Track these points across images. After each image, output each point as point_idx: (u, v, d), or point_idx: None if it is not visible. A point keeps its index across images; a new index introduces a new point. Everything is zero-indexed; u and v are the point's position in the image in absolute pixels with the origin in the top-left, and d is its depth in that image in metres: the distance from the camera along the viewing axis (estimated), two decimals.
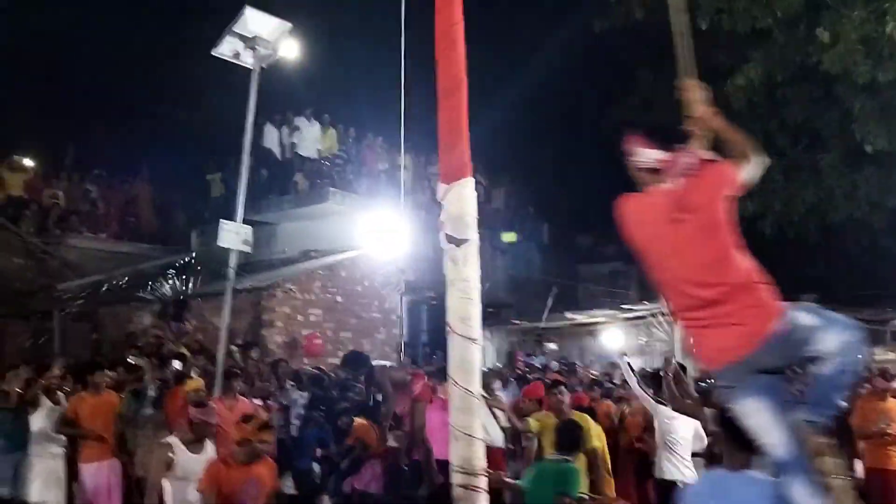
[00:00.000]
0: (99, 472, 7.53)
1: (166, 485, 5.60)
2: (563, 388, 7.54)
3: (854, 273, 16.92)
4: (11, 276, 8.95)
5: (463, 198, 5.45)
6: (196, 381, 7.51)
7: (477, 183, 5.57)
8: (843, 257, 18.37)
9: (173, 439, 5.73)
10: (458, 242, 5.42)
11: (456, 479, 5.16)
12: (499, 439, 9.10)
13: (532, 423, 7.72)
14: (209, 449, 5.85)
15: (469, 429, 5.21)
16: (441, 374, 8.90)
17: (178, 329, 12.70)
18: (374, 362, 10.27)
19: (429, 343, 15.63)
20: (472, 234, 5.45)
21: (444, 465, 7.96)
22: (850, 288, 16.38)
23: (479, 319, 5.33)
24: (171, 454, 5.57)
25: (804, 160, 14.33)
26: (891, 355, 10.09)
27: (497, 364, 15.07)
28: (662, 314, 14.67)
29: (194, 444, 5.73)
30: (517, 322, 16.92)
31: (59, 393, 8.15)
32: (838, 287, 16.44)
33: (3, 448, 7.87)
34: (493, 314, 17.49)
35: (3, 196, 14.61)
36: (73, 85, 19.65)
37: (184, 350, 10.43)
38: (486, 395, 9.46)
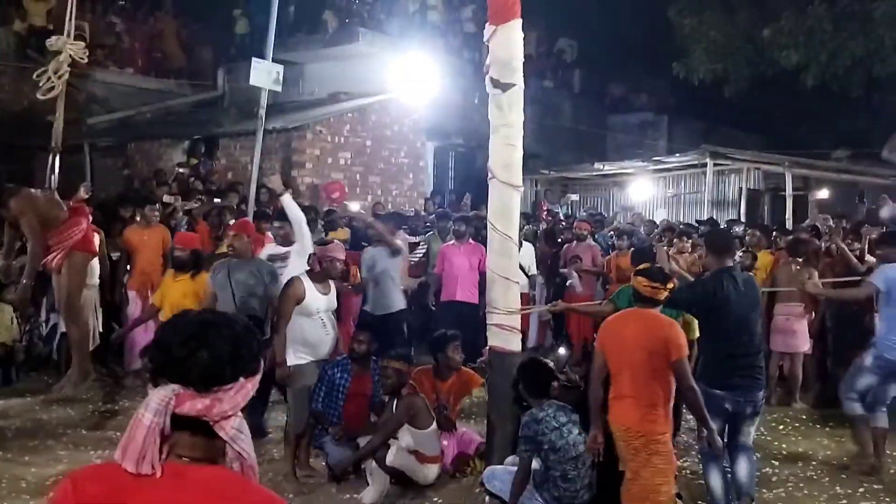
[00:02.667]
0: (143, 304, 7.78)
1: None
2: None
3: (888, 127, 16.55)
4: (40, 109, 8.89)
5: (510, 41, 5.30)
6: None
7: None
8: (884, 113, 17.91)
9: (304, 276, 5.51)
10: (503, 87, 5.32)
11: (492, 318, 5.33)
12: (524, 285, 9.34)
13: None
14: (333, 289, 5.73)
15: (507, 272, 5.33)
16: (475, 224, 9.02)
17: (208, 167, 12.77)
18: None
19: (455, 189, 15.66)
20: (518, 79, 5.34)
21: (467, 308, 8.27)
22: (883, 143, 16.07)
23: (521, 166, 5.33)
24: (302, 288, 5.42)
25: (855, 9, 13.67)
26: None
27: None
28: (691, 166, 14.56)
29: (321, 284, 5.56)
30: (545, 171, 16.83)
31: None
32: (876, 143, 16.13)
33: None
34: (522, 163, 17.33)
35: (26, 26, 14.34)
36: None
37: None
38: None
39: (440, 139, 15.60)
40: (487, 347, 5.44)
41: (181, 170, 12.42)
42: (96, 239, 6.85)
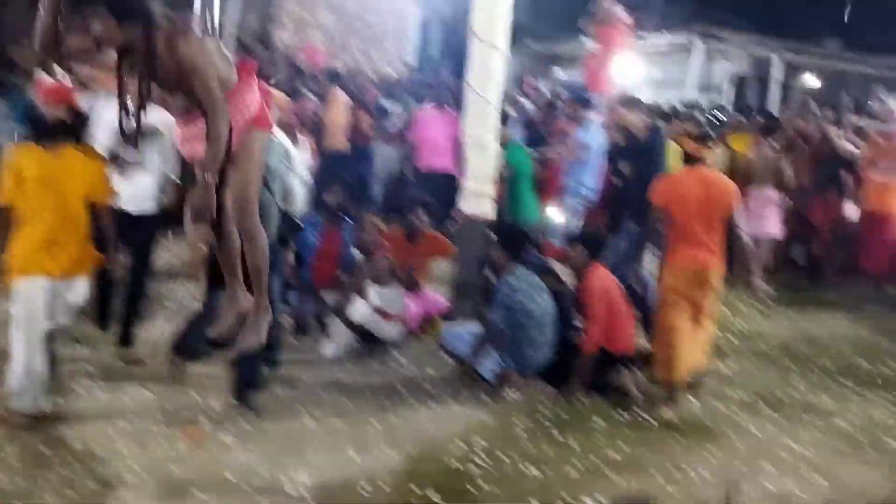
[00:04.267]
0: None
1: None
2: None
3: (882, 18, 16.20)
4: None
5: None
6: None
7: None
8: (880, 3, 17.46)
9: None
10: None
11: (468, 185, 5.30)
12: None
13: None
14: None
15: (483, 137, 5.26)
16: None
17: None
18: None
19: (439, 58, 15.28)
20: None
21: (444, 177, 8.19)
22: (877, 34, 15.75)
23: (507, 25, 5.16)
24: None
25: None
26: None
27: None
28: (679, 46, 14.22)
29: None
30: (530, 45, 16.37)
31: None
32: (865, 33, 15.82)
33: None
34: (514, 37, 16.81)
35: None
36: None
37: None
38: None
39: (426, 5, 15.07)
40: (459, 211, 5.44)
41: None
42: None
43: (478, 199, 5.27)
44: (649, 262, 5.56)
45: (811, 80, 14.05)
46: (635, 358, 4.90)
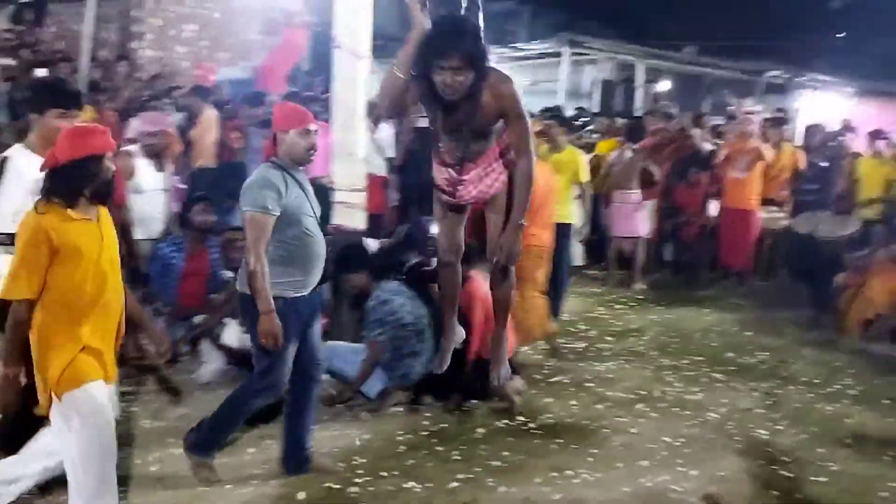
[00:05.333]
0: None
1: None
2: None
3: (735, 22, 17.12)
4: None
5: None
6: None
7: None
8: (725, 6, 18.45)
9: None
10: None
11: (337, 195, 5.19)
12: (382, 168, 9.17)
13: None
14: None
15: (352, 146, 5.17)
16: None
17: (36, 35, 11.62)
18: None
19: (311, 72, 15.02)
20: None
21: (323, 188, 8.05)
22: (731, 38, 16.63)
23: (369, 34, 5.09)
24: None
25: None
26: (759, 107, 10.49)
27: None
28: (549, 55, 14.56)
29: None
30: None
31: None
32: (719, 36, 16.66)
33: None
34: (382, 46, 16.87)
35: None
36: None
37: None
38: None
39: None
40: (332, 225, 5.32)
41: (7, 36, 11.25)
42: None
43: (348, 210, 5.16)
44: None
45: (669, 84, 14.69)
46: (513, 364, 4.89)
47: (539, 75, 15.51)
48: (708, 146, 8.44)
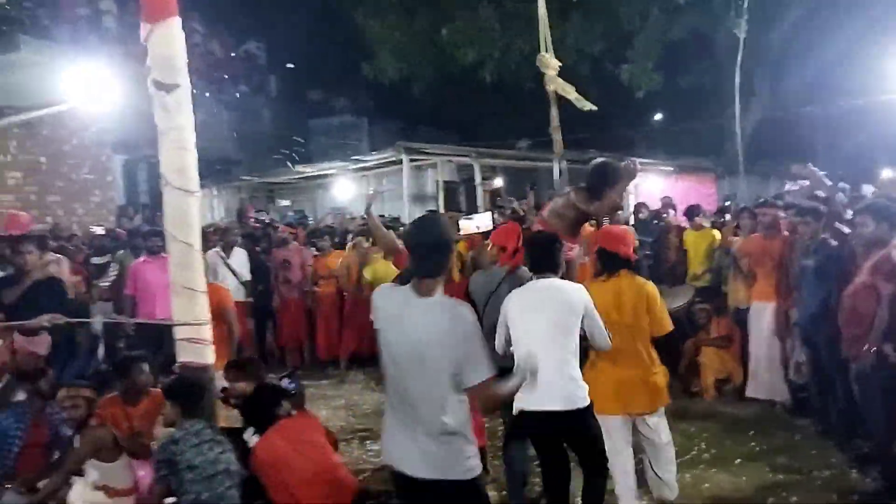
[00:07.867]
0: None
1: None
2: None
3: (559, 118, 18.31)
4: None
5: (170, 39, 5.04)
6: None
7: (193, 31, 5.16)
8: (546, 105, 19.73)
9: None
10: (167, 88, 5.04)
11: (180, 332, 5.04)
12: (239, 293, 9.10)
13: None
14: None
15: (191, 282, 5.06)
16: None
17: None
18: None
19: (150, 204, 14.78)
20: (183, 80, 5.09)
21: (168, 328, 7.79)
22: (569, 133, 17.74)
23: (196, 170, 5.08)
24: None
25: (519, 9, 14.86)
26: None
27: (225, 219, 14.69)
28: (391, 163, 15.01)
29: None
30: (247, 178, 16.48)
31: None
32: (545, 132, 17.74)
33: None
34: (222, 171, 16.86)
35: None
36: None
37: None
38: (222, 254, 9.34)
39: (129, 151, 14.62)
40: (178, 364, 5.14)
41: None
42: None
43: (191, 346, 5.01)
44: None
45: (497, 181, 15.60)
46: None
47: (384, 184, 15.93)
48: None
